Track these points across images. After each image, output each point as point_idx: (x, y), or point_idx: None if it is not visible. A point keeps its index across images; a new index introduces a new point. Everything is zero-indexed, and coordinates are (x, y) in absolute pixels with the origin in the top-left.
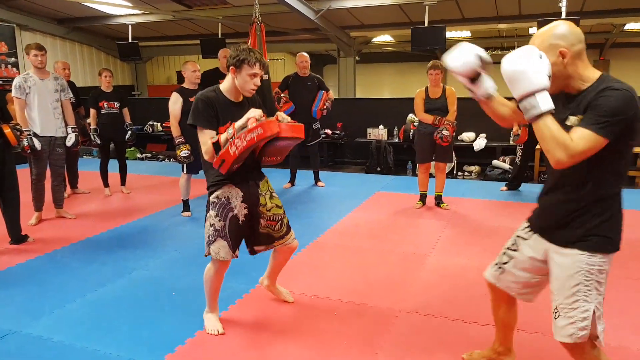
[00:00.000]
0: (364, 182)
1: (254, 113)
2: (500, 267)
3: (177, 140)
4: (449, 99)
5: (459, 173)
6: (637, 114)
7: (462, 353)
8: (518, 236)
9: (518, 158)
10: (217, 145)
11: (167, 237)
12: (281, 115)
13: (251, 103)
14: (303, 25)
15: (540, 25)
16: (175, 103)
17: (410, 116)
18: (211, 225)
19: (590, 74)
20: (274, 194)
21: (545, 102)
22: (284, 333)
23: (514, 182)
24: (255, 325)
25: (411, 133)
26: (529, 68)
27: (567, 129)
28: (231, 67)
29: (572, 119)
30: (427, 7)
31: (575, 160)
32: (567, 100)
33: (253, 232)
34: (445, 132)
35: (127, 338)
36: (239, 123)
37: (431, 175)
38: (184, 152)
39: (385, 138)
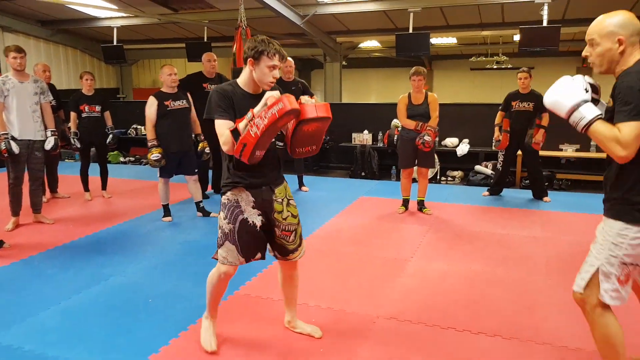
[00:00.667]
0: (348, 187)
1: (273, 93)
2: None
3: (149, 144)
4: (431, 105)
5: (443, 178)
6: None
7: (436, 359)
8: None
9: (500, 164)
10: (236, 133)
11: (146, 243)
12: (304, 98)
13: None
14: (289, 30)
15: (523, 32)
16: (150, 106)
17: (395, 121)
18: (220, 227)
19: (632, 60)
20: (291, 202)
21: (590, 111)
22: (260, 339)
23: (496, 187)
24: (232, 332)
25: (395, 138)
26: (565, 91)
27: (609, 110)
28: (249, 59)
29: (609, 101)
30: (411, 14)
31: (632, 149)
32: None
33: (271, 240)
34: (427, 138)
35: (101, 346)
36: (258, 107)
37: (414, 180)
38: (154, 155)
39: (370, 143)
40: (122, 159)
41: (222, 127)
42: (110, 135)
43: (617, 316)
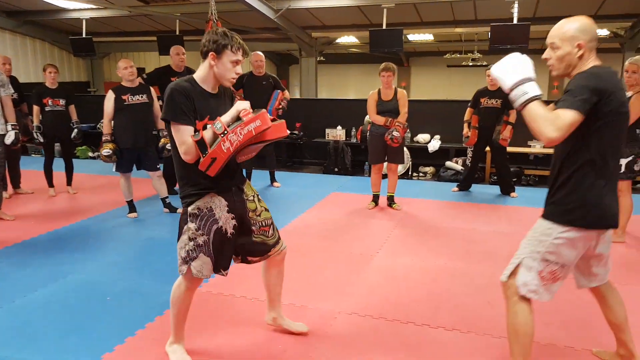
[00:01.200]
0: (320, 183)
1: (245, 105)
2: None
3: (103, 138)
4: (400, 101)
5: (414, 174)
6: (602, 90)
7: (394, 353)
8: None
9: (469, 160)
10: (202, 145)
11: (108, 240)
12: (263, 109)
13: (227, 94)
14: (263, 24)
15: (494, 30)
16: (108, 100)
17: (368, 117)
18: (191, 239)
19: (588, 65)
20: (260, 197)
21: (533, 89)
22: (217, 337)
23: (465, 183)
24: (188, 330)
25: (367, 134)
26: (516, 65)
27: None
28: (211, 53)
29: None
30: (385, 10)
31: (561, 133)
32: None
33: (246, 242)
34: (395, 133)
35: (53, 346)
36: (226, 117)
37: (385, 176)
38: (105, 150)
39: (343, 139)
40: (91, 154)
41: (184, 135)
42: (75, 130)
43: (577, 311)
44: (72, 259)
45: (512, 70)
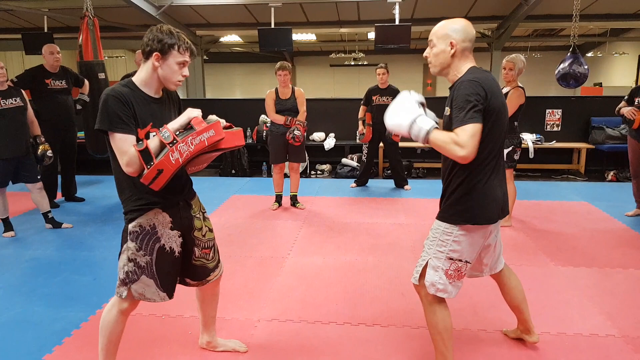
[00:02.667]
0: (218, 186)
1: (197, 112)
2: None
3: None
4: (298, 100)
5: (312, 172)
6: (484, 96)
7: (321, 356)
8: None
9: (364, 156)
10: (146, 155)
11: None
12: (214, 117)
13: (171, 98)
14: (144, 21)
15: (377, 30)
16: None
17: (263, 117)
18: (131, 260)
19: (463, 67)
20: (206, 215)
21: (425, 123)
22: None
23: (362, 179)
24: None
25: (264, 134)
26: (401, 111)
27: (447, 118)
28: (155, 54)
29: (447, 110)
30: (272, 9)
31: (470, 148)
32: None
33: (186, 264)
34: (296, 132)
35: None
36: (174, 125)
37: (286, 176)
38: None
39: None
40: None
41: (125, 144)
42: None
43: (483, 294)
44: None
45: (400, 117)
